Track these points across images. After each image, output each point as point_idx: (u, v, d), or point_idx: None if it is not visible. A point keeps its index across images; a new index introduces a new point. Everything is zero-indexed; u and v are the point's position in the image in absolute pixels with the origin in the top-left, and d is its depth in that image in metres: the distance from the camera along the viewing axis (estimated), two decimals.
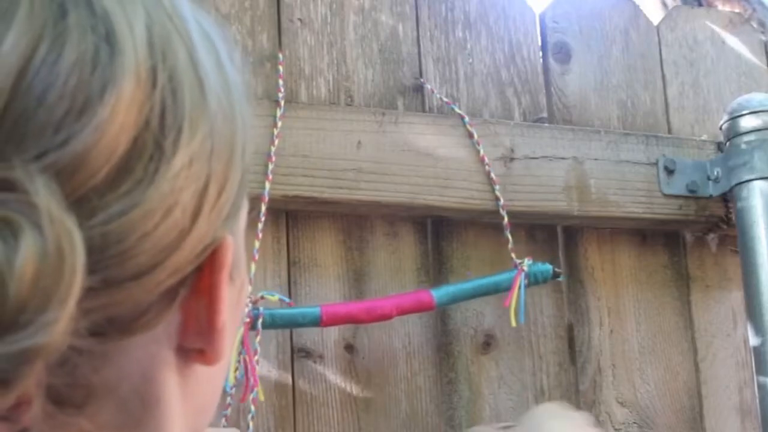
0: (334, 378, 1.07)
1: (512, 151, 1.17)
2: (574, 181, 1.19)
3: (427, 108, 1.19)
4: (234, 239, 0.46)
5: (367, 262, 1.13)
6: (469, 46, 1.24)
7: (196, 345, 0.46)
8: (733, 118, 1.21)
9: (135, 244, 0.40)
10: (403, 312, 1.06)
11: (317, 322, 1.02)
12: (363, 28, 1.19)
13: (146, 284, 0.41)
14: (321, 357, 1.08)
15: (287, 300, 1.02)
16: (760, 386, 1.15)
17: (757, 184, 1.18)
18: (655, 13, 1.94)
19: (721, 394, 1.26)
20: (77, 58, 0.39)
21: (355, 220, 1.13)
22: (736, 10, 2.11)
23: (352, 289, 1.11)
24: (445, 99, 1.19)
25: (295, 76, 1.14)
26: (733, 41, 1.40)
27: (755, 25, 1.55)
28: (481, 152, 1.14)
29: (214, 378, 0.50)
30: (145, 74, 0.40)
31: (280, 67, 1.12)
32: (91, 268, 0.38)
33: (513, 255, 1.11)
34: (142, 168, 0.40)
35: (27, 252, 0.35)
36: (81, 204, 0.38)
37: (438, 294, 1.07)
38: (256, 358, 0.98)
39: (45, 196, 0.36)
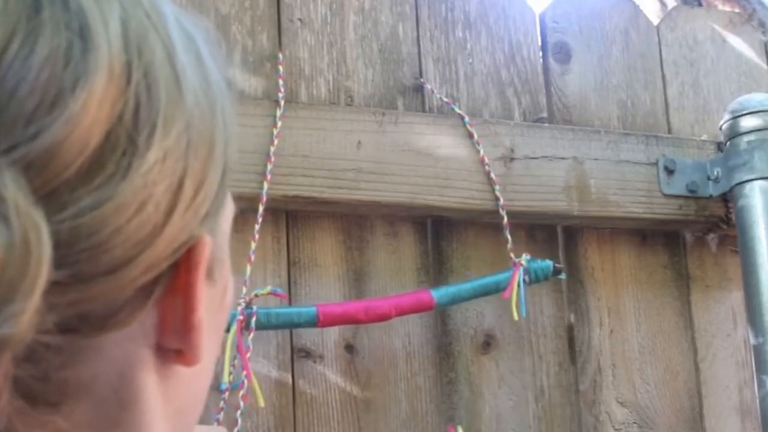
0: (334, 378, 1.07)
1: (512, 151, 1.17)
2: (574, 181, 1.19)
3: (427, 108, 1.19)
4: (214, 239, 0.46)
5: (367, 262, 1.13)
6: (469, 46, 1.24)
7: (174, 345, 0.46)
8: (734, 118, 1.21)
9: (106, 239, 0.40)
10: (402, 312, 1.05)
11: (314, 322, 1.02)
12: (363, 28, 1.19)
13: (119, 280, 0.41)
14: (321, 357, 1.08)
15: (278, 291, 1.01)
16: (760, 386, 1.15)
17: (757, 184, 1.18)
18: (655, 13, 1.94)
19: (721, 394, 1.26)
20: (50, 52, 0.39)
21: (355, 220, 1.13)
22: (736, 10, 2.11)
23: (352, 289, 1.11)
24: (445, 99, 1.19)
25: (295, 76, 1.14)
26: (733, 41, 1.40)
27: (755, 25, 1.55)
28: (481, 152, 1.14)
29: (196, 379, 0.50)
30: (119, 69, 0.40)
31: (280, 67, 1.12)
32: (60, 262, 0.38)
33: (512, 255, 1.11)
34: (114, 163, 0.40)
35: None
36: (51, 198, 0.38)
37: (438, 294, 1.07)
38: (248, 354, 0.98)
39: (13, 189, 0.37)
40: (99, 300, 0.41)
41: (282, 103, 1.08)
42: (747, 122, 1.20)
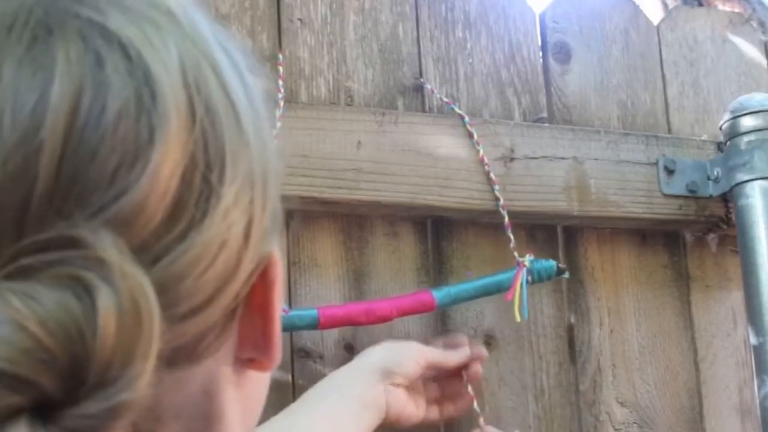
0: None
1: (512, 151, 1.17)
2: (574, 181, 1.19)
3: (427, 108, 1.19)
4: (276, 249, 0.47)
5: (367, 262, 1.13)
6: (469, 46, 1.24)
7: (251, 356, 0.46)
8: (734, 118, 1.21)
9: (196, 280, 0.40)
10: (403, 313, 1.05)
11: (315, 324, 1.02)
12: (363, 28, 1.19)
13: (210, 314, 0.42)
14: (321, 357, 1.08)
15: (285, 308, 1.01)
16: (760, 386, 1.15)
17: (757, 184, 1.18)
18: (655, 13, 1.94)
19: (721, 394, 1.26)
20: (121, 106, 0.39)
21: (355, 220, 1.13)
22: (736, 10, 2.11)
23: (352, 290, 1.11)
24: (445, 99, 1.19)
25: (295, 76, 1.14)
26: (733, 41, 1.40)
27: (755, 25, 1.55)
28: (481, 152, 1.14)
29: (262, 381, 0.51)
30: (184, 109, 0.41)
31: (280, 68, 1.12)
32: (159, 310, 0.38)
33: (516, 254, 1.11)
34: (193, 204, 0.40)
35: (105, 310, 0.35)
36: (142, 250, 0.38)
37: (439, 295, 1.06)
38: None
39: (112, 251, 0.36)
40: (191, 333, 0.41)
41: (282, 103, 1.08)
42: (747, 122, 1.20)
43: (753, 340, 1.16)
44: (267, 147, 0.46)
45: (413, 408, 1.02)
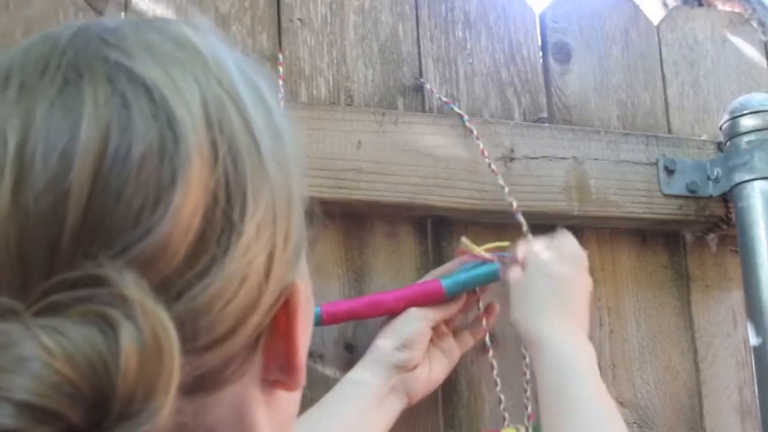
0: (334, 378, 1.07)
1: (512, 151, 1.17)
2: (574, 181, 1.19)
3: (427, 108, 1.19)
4: (301, 275, 0.49)
5: (367, 262, 1.13)
6: (469, 46, 1.24)
7: (277, 378, 0.48)
8: (734, 118, 1.21)
9: (218, 313, 0.42)
10: (411, 304, 1.03)
11: (317, 321, 1.01)
12: (363, 28, 1.19)
13: (232, 344, 0.43)
14: (321, 357, 1.08)
15: None
16: (760, 386, 1.15)
17: (757, 184, 1.18)
18: (655, 13, 1.94)
19: (721, 394, 1.26)
20: (145, 149, 0.40)
21: (355, 220, 1.13)
22: (736, 10, 2.11)
23: (352, 290, 1.11)
24: (444, 99, 1.19)
25: (295, 76, 1.14)
26: (733, 41, 1.40)
27: (755, 25, 1.55)
28: (481, 146, 1.14)
29: (293, 396, 0.52)
30: (206, 150, 0.42)
31: (280, 68, 1.12)
32: (180, 343, 0.39)
33: (530, 236, 1.09)
34: (215, 241, 0.42)
35: (128, 346, 0.37)
36: (165, 287, 0.40)
37: (447, 283, 1.05)
38: None
39: (135, 289, 0.38)
40: (214, 362, 0.43)
41: (282, 103, 1.08)
42: (747, 122, 1.20)
43: (753, 340, 1.16)
44: (291, 178, 0.48)
45: (436, 372, 1.04)
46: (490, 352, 1.10)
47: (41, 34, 0.45)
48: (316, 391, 1.07)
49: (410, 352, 1.01)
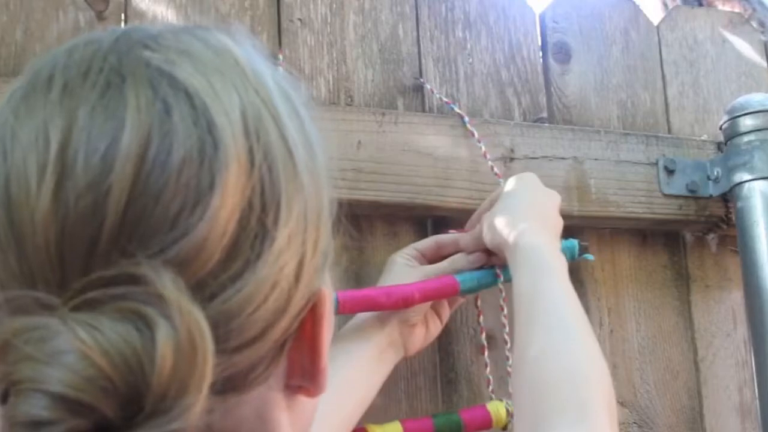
0: None
1: (512, 151, 1.17)
2: (574, 181, 1.19)
3: (427, 108, 1.19)
4: (326, 283, 0.49)
5: (367, 262, 1.13)
6: (469, 46, 1.24)
7: (300, 383, 0.49)
8: (733, 118, 1.21)
9: (249, 316, 0.43)
10: (427, 297, 1.01)
11: (335, 310, 1.00)
12: (363, 28, 1.19)
13: (260, 347, 0.44)
14: None
15: None
16: (760, 386, 1.15)
17: (757, 184, 1.18)
18: (655, 13, 1.94)
19: (721, 394, 1.26)
20: (185, 154, 0.41)
21: (354, 221, 1.13)
22: (736, 10, 2.11)
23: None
24: (444, 99, 1.19)
25: (295, 76, 1.14)
26: (733, 41, 1.40)
27: (755, 25, 1.55)
28: (483, 149, 1.14)
29: (313, 401, 0.53)
30: (244, 157, 0.43)
31: (280, 68, 1.12)
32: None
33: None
34: (248, 246, 0.43)
35: (163, 344, 0.38)
36: (200, 288, 0.41)
37: (462, 279, 1.05)
38: None
39: (172, 289, 0.39)
40: (243, 364, 0.44)
41: None
42: (747, 122, 1.20)
43: (753, 340, 1.16)
44: (322, 188, 0.49)
45: (431, 330, 1.06)
46: (486, 353, 1.10)
47: (84, 37, 0.46)
48: None
49: (414, 311, 1.02)
